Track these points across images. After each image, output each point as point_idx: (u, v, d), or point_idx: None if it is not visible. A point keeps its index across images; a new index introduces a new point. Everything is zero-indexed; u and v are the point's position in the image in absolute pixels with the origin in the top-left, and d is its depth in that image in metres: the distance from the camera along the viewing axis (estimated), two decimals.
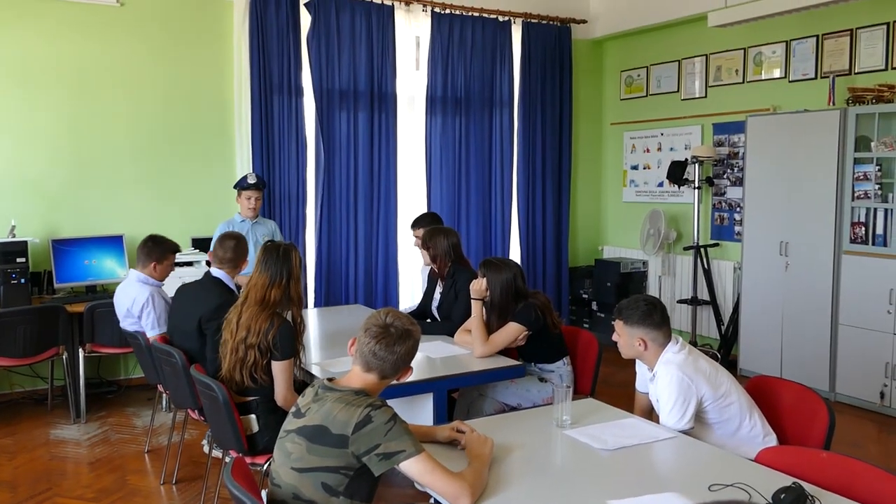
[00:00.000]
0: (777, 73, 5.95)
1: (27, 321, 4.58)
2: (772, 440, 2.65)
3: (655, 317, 2.71)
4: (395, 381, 2.23)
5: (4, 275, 4.77)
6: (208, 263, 4.39)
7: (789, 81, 5.86)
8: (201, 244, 5.47)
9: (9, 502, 3.68)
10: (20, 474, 4.03)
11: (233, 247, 3.71)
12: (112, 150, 5.51)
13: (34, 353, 4.67)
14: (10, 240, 4.90)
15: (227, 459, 3.02)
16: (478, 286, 3.61)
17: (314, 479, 2.00)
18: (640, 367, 2.91)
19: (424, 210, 6.56)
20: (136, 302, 4.04)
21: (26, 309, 4.69)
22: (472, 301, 3.63)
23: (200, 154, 5.79)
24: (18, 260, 4.83)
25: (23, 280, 4.83)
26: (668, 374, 2.62)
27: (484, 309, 3.62)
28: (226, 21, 5.80)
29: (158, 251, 4.13)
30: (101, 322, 4.77)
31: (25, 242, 4.92)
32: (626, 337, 2.74)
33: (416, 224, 4.74)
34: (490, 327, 3.58)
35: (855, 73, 5.41)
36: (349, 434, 1.97)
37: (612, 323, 2.82)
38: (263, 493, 2.14)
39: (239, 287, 3.64)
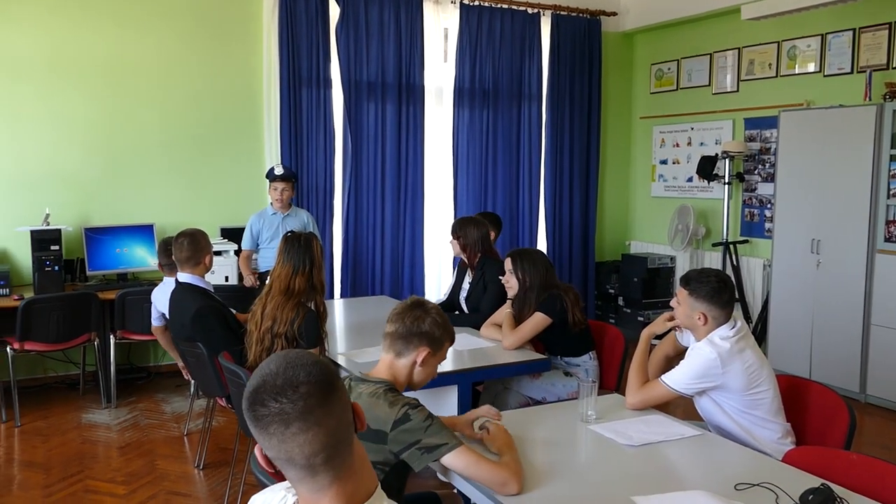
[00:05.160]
0: (812, 67, 5.84)
1: (60, 308, 4.67)
2: (787, 444, 2.60)
3: (724, 296, 2.64)
4: (415, 363, 2.15)
5: (39, 262, 4.87)
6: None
7: (824, 76, 5.76)
8: (230, 234, 5.53)
9: (42, 483, 3.77)
10: (53, 456, 4.12)
11: (187, 244, 3.59)
12: (143, 141, 5.58)
13: (67, 338, 4.76)
14: (45, 227, 4.99)
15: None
16: (512, 284, 3.63)
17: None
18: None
19: (451, 203, 6.58)
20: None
21: (60, 296, 4.79)
22: (508, 297, 3.65)
23: (230, 145, 5.85)
24: (52, 248, 4.92)
25: (56, 267, 4.92)
26: (703, 352, 2.58)
27: (517, 299, 3.62)
28: (255, 13, 5.84)
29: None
30: (132, 309, 4.85)
31: (59, 230, 5.01)
32: (687, 308, 2.68)
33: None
34: (523, 317, 3.57)
35: (892, 68, 5.29)
36: (388, 431, 1.99)
37: (676, 290, 2.76)
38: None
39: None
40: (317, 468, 1.19)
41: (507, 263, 3.63)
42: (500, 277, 3.71)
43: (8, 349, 4.60)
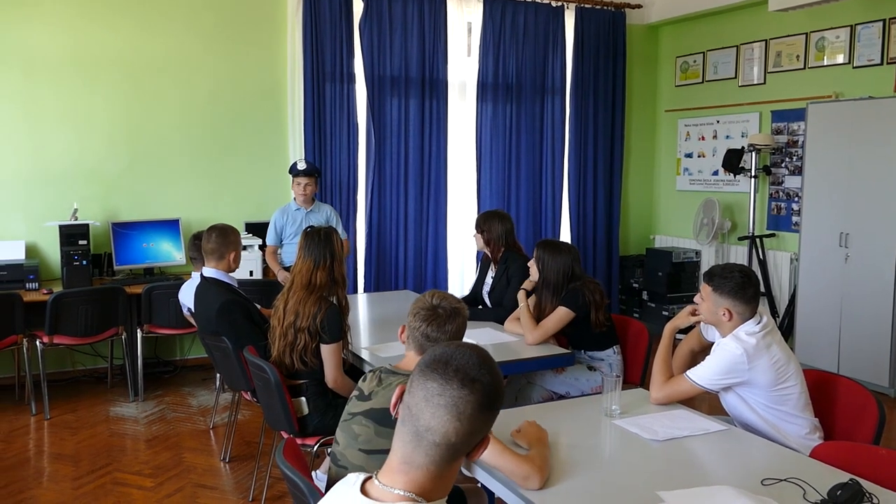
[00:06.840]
0: (840, 58, 5.74)
1: (88, 302, 4.74)
2: (814, 439, 2.57)
3: (748, 291, 2.60)
4: None
5: (67, 257, 4.94)
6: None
7: (853, 67, 5.66)
8: (255, 229, 5.57)
9: (71, 475, 3.83)
10: (82, 449, 4.19)
11: (216, 236, 3.64)
12: (168, 136, 5.64)
13: (95, 332, 4.83)
14: (73, 222, 5.06)
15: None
16: (533, 273, 3.64)
17: (382, 461, 2.04)
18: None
19: (475, 198, 6.57)
20: None
21: (87, 290, 4.85)
22: (519, 291, 3.65)
23: (254, 140, 5.89)
24: (80, 242, 4.99)
25: (84, 262, 4.99)
26: (729, 348, 2.55)
27: (537, 290, 3.62)
28: (279, 9, 5.87)
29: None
30: (159, 303, 4.90)
31: (87, 225, 5.08)
32: (712, 304, 2.65)
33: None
34: (543, 309, 3.56)
35: None
36: None
37: (700, 285, 2.73)
38: (314, 474, 2.18)
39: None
40: (422, 441, 1.26)
41: (535, 250, 3.66)
42: (529, 264, 3.71)
43: (37, 343, 4.67)
